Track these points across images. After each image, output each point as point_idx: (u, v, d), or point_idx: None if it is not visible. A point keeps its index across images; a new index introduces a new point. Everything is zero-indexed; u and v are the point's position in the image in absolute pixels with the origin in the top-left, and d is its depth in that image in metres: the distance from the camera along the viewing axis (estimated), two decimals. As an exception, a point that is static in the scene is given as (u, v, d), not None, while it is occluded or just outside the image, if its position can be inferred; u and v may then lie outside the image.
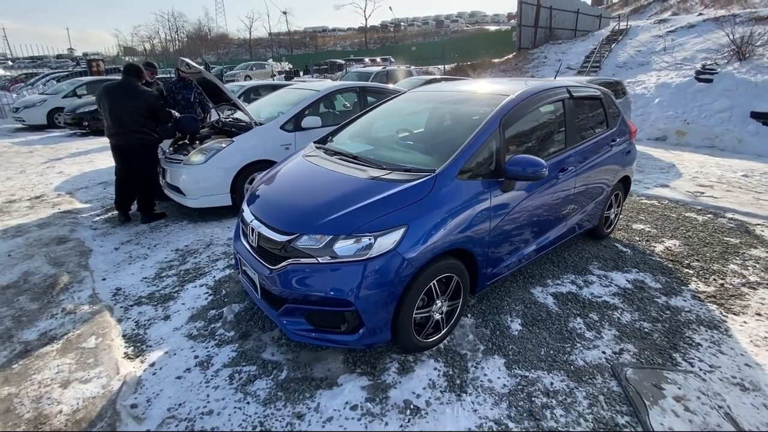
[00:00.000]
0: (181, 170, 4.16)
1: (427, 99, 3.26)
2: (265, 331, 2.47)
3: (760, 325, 2.54)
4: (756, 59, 10.26)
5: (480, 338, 2.40)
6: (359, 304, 1.88)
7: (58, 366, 2.14)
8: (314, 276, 1.95)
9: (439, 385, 2.03)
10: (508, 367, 2.17)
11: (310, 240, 1.99)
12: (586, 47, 15.58)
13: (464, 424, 1.81)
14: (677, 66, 11.97)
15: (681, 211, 4.69)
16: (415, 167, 2.26)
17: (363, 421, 1.83)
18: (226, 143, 4.18)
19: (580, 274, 3.19)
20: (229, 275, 3.14)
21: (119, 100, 3.83)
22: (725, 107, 9.00)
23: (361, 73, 13.19)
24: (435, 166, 2.22)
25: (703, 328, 2.52)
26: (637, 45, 14.22)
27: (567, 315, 2.64)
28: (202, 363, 2.21)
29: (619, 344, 2.36)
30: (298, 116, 4.54)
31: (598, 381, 2.07)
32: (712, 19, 13.26)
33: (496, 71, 16.42)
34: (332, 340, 2.03)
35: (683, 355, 2.27)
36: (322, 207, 2.08)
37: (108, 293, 2.90)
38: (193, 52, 40.85)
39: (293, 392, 1.99)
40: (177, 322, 2.57)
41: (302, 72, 23.93)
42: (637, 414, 1.85)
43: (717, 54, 11.53)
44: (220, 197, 4.22)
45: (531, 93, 2.69)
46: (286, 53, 41.33)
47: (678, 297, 2.87)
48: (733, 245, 3.72)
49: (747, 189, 5.54)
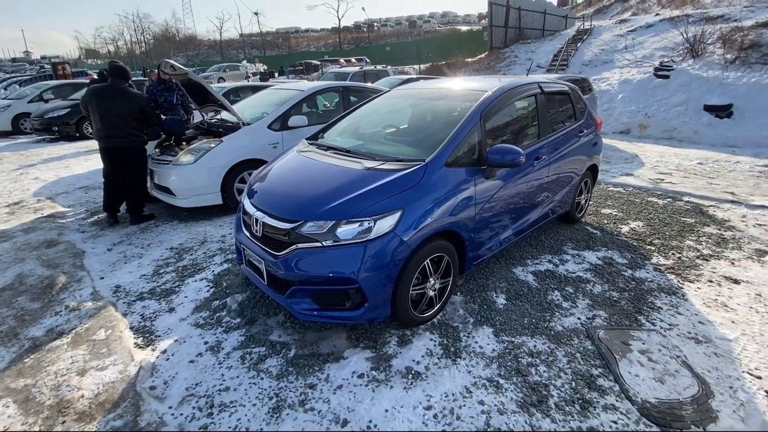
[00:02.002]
0: (170, 171, 4.21)
1: (411, 96, 3.48)
2: (270, 316, 2.62)
3: (712, 290, 2.88)
4: (707, 56, 11.06)
5: (469, 312, 2.63)
6: (363, 281, 2.07)
7: (71, 357, 2.22)
8: (319, 258, 2.12)
9: (435, 353, 2.24)
10: (495, 335, 2.40)
11: (313, 226, 2.16)
12: (554, 46, 16.26)
13: (460, 383, 2.03)
14: (638, 63, 12.72)
15: (644, 196, 5.10)
16: (406, 158, 2.47)
17: (370, 386, 2.02)
18: (215, 143, 4.26)
19: (556, 254, 3.48)
20: (228, 269, 3.25)
21: (110, 102, 3.85)
22: (681, 101, 9.68)
23: (338, 73, 13.32)
24: (424, 156, 2.43)
25: (664, 294, 2.84)
26: (600, 44, 14.97)
27: (546, 289, 2.91)
28: (213, 348, 2.34)
29: (592, 311, 2.64)
30: (284, 116, 4.66)
31: (575, 342, 2.34)
32: (668, 19, 14.13)
33: (470, 70, 16.89)
34: (337, 317, 2.21)
35: (647, 317, 2.57)
36: (323, 195, 2.26)
37: (108, 291, 2.97)
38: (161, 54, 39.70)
39: (303, 367, 2.16)
40: (182, 314, 2.67)
41: (277, 73, 23.77)
42: (609, 366, 2.12)
43: (673, 52, 12.32)
44: (210, 196, 4.30)
45: (507, 89, 2.94)
46: (258, 54, 40.81)
47: (642, 270, 3.20)
48: (689, 224, 4.11)
49: (701, 175, 6.06)
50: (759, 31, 10.61)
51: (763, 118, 8.43)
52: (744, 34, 10.54)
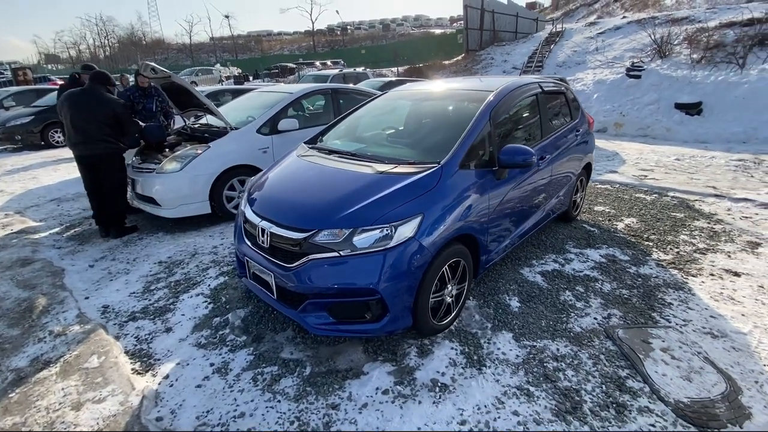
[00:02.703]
0: (154, 180, 3.97)
1: (411, 98, 3.40)
2: (278, 332, 2.47)
3: (715, 283, 2.93)
4: (674, 56, 11.56)
5: (485, 317, 2.56)
6: (384, 291, 1.96)
7: (63, 389, 2.00)
8: (337, 269, 2.00)
9: (459, 363, 2.16)
10: (516, 339, 2.34)
11: (328, 235, 2.03)
12: (528, 48, 16.64)
13: (490, 393, 1.95)
14: (609, 64, 13.16)
15: (631, 192, 5.21)
16: (419, 160, 2.38)
17: (397, 402, 1.91)
18: (202, 149, 4.05)
19: (559, 253, 3.47)
20: (225, 282, 3.07)
21: (82, 107, 3.59)
22: (653, 100, 10.05)
23: (317, 76, 13.13)
24: (436, 158, 2.35)
25: (671, 290, 2.87)
26: (572, 46, 15.42)
27: (556, 289, 2.88)
28: (220, 369, 2.17)
29: (606, 310, 2.63)
30: (274, 119, 4.49)
31: (596, 343, 2.31)
32: (635, 21, 14.72)
33: (448, 72, 17.05)
34: (356, 330, 2.09)
35: (660, 313, 2.58)
36: (337, 202, 2.14)
37: (96, 312, 2.73)
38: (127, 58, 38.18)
39: (322, 386, 2.03)
40: (181, 333, 2.48)
41: (252, 77, 23.26)
42: (635, 366, 2.10)
43: (642, 53, 12.82)
44: (198, 205, 4.08)
45: (512, 88, 2.91)
46: (230, 58, 39.83)
47: (645, 266, 3.23)
48: (680, 219, 4.22)
49: (681, 171, 6.27)
50: (722, 31, 11.17)
51: (731, 115, 8.85)
52: (709, 34, 11.08)
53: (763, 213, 4.32)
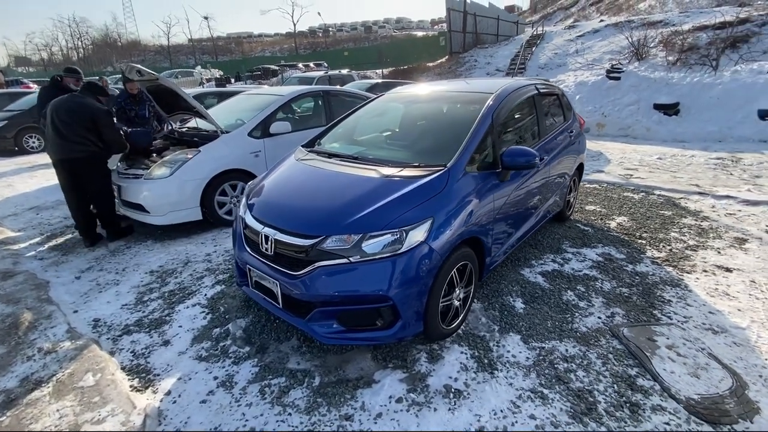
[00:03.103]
0: (142, 186, 3.82)
1: (409, 100, 3.37)
2: (281, 341, 2.39)
3: (709, 280, 3.01)
4: (651, 59, 11.93)
5: (492, 320, 2.55)
6: (396, 297, 1.92)
7: (58, 411, 1.89)
8: (347, 276, 1.95)
9: (470, 367, 2.14)
10: (525, 341, 2.34)
11: (337, 241, 1.98)
12: (511, 51, 16.91)
13: (505, 397, 1.93)
14: (589, 66, 13.49)
15: (619, 191, 5.33)
16: (424, 163, 2.35)
17: (412, 410, 1.87)
18: (192, 154, 3.92)
19: (557, 253, 3.50)
20: (222, 291, 2.97)
21: (61, 111, 3.45)
22: (633, 101, 10.34)
23: (302, 78, 13.01)
24: (440, 161, 2.33)
25: (668, 287, 2.92)
26: (553, 48, 15.75)
27: (558, 289, 2.90)
28: (225, 383, 2.09)
29: (609, 309, 2.66)
30: (265, 122, 4.40)
31: (603, 342, 2.32)
32: (613, 25, 15.15)
33: (432, 74, 17.17)
34: (367, 338, 2.04)
35: (661, 310, 2.63)
36: (344, 207, 2.09)
37: (86, 326, 2.60)
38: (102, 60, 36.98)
39: (333, 396, 1.97)
40: (180, 346, 2.38)
41: (233, 79, 22.87)
42: (644, 365, 2.12)
43: (620, 55, 13.18)
44: (189, 212, 3.95)
45: (511, 90, 2.92)
46: (210, 60, 39.10)
47: (641, 264, 3.29)
48: (668, 217, 4.32)
49: (664, 169, 6.45)
50: (696, 34, 11.60)
51: (707, 115, 9.18)
52: (683, 37, 11.48)
53: (746, 209, 4.48)
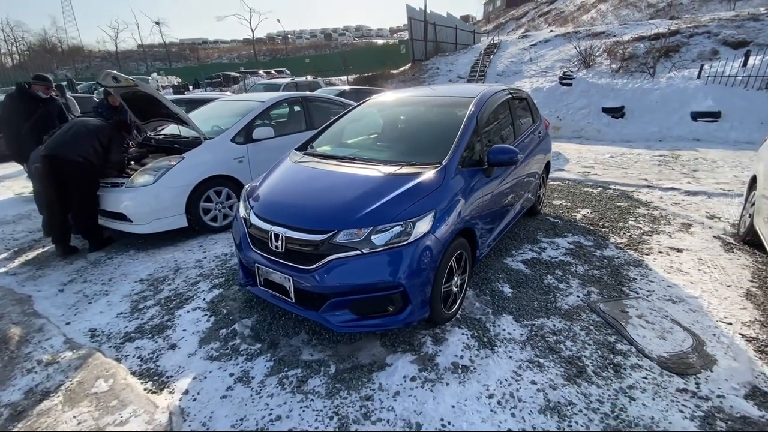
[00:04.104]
0: (123, 194, 3.73)
1: (396, 104, 3.56)
2: (291, 336, 2.48)
3: (665, 259, 3.42)
4: (597, 66, 12.96)
5: (485, 304, 2.77)
6: (407, 284, 2.08)
7: (75, 417, 1.87)
8: (360, 266, 2.08)
9: (472, 346, 2.33)
10: (517, 320, 2.58)
11: (348, 234, 2.12)
12: (470, 59, 17.68)
13: (507, 368, 2.14)
14: (543, 73, 14.41)
15: (580, 187, 5.81)
16: (420, 162, 2.54)
17: (426, 387, 2.03)
18: (176, 160, 3.89)
19: (533, 243, 3.82)
20: (221, 294, 2.99)
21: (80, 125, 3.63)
22: (584, 105, 11.20)
23: (268, 85, 12.90)
24: (436, 159, 2.53)
25: (632, 267, 3.29)
26: (509, 56, 16.65)
27: (539, 274, 3.18)
28: (242, 379, 2.14)
29: (585, 288, 2.96)
30: (248, 128, 4.43)
31: (584, 316, 2.61)
32: (562, 35, 16.28)
33: (396, 81, 17.57)
34: (380, 324, 2.18)
35: (628, 287, 2.97)
36: (353, 203, 2.23)
37: (83, 336, 2.54)
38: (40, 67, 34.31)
39: (350, 381, 2.09)
40: (188, 349, 2.40)
41: (192, 86, 22.15)
42: (620, 332, 2.41)
43: (569, 63, 14.20)
44: (174, 219, 3.90)
45: (490, 94, 3.19)
46: (164, 66, 37.47)
47: (607, 249, 3.66)
48: (625, 208, 4.80)
49: (616, 166, 7.08)
50: (634, 44, 12.76)
51: (648, 117, 10.14)
52: (624, 47, 12.60)
53: (688, 199, 5.06)
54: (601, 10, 25.85)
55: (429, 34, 19.27)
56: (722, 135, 8.95)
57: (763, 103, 9.07)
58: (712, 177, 6.01)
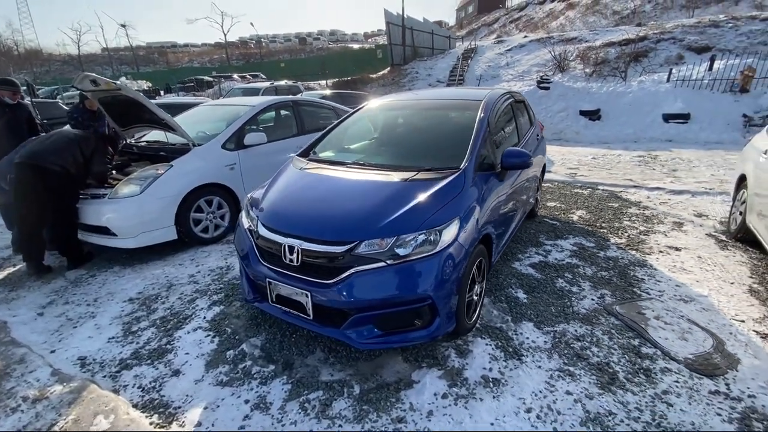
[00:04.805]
0: (106, 207, 3.46)
1: (399, 108, 3.46)
2: (306, 355, 2.32)
3: (667, 258, 3.47)
4: (571, 71, 13.37)
5: (502, 311, 2.71)
6: (436, 296, 1.98)
7: (75, 462, 1.65)
8: (385, 278, 1.97)
9: (499, 357, 2.25)
10: (538, 327, 2.52)
11: (371, 245, 2.00)
12: (448, 63, 17.89)
13: (539, 379, 2.08)
14: (520, 77, 14.74)
15: (570, 188, 5.90)
16: (436, 166, 2.45)
17: (460, 404, 1.93)
18: (164, 168, 3.64)
19: (537, 246, 3.80)
20: (223, 312, 2.79)
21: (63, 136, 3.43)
22: (562, 108, 11.50)
23: (247, 89, 12.56)
24: (453, 164, 2.45)
25: (637, 267, 3.32)
26: (486, 61, 16.96)
27: (550, 278, 3.15)
28: (259, 405, 1.98)
29: (598, 291, 2.95)
30: (239, 134, 4.23)
31: (603, 320, 2.58)
32: (536, 40, 16.73)
33: (376, 86, 17.54)
34: (405, 340, 2.07)
35: (639, 288, 2.98)
36: (373, 211, 2.11)
37: (72, 366, 2.29)
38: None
39: (378, 401, 1.97)
40: (194, 374, 2.20)
41: (163, 91, 21.34)
42: (642, 335, 2.40)
43: (545, 67, 14.59)
44: (163, 231, 3.65)
45: (496, 96, 3.16)
46: (131, 70, 35.96)
47: (609, 250, 3.69)
48: (617, 208, 4.89)
49: (600, 167, 7.26)
50: (606, 49, 13.25)
51: (623, 119, 10.51)
52: (596, 52, 13.06)
53: (674, 198, 5.22)
54: (570, 17, 26.83)
55: (407, 39, 19.38)
56: (692, 136, 9.37)
57: (729, 104, 9.57)
58: (692, 176, 6.25)
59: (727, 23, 12.41)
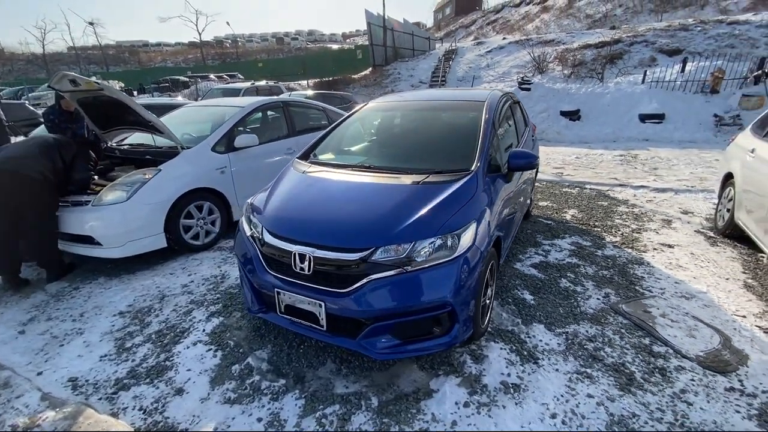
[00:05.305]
0: (89, 214, 3.25)
1: (401, 109, 3.37)
2: (317, 367, 2.23)
3: (662, 256, 3.55)
4: (550, 72, 13.66)
5: (512, 314, 2.69)
6: (455, 302, 1.92)
7: (77, 498, 1.50)
8: (404, 285, 1.90)
9: (515, 361, 2.22)
10: (549, 329, 2.51)
11: (387, 251, 1.93)
12: (430, 64, 17.98)
13: (559, 383, 2.05)
14: (501, 78, 14.95)
15: (558, 188, 5.99)
16: (446, 169, 2.41)
17: (483, 412, 1.89)
18: (151, 173, 3.45)
19: (535, 246, 3.82)
20: (223, 323, 2.65)
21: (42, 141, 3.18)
22: (544, 109, 11.73)
23: (227, 89, 12.23)
24: (462, 166, 2.41)
25: (636, 265, 3.38)
26: (467, 62, 17.13)
27: (554, 278, 3.16)
28: (272, 422, 1.88)
29: (602, 290, 2.98)
30: (229, 136, 4.06)
31: (611, 320, 2.60)
32: (515, 42, 17.02)
33: (359, 86, 17.43)
34: (423, 348, 2.00)
35: (640, 286, 3.02)
36: (388, 216, 2.04)
37: (63, 388, 2.11)
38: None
39: (398, 414, 1.90)
40: (199, 392, 2.07)
41: (136, 91, 20.55)
42: (652, 334, 2.42)
43: (524, 69, 14.85)
44: (152, 240, 3.46)
45: (497, 97, 3.14)
46: (100, 70, 34.45)
47: (606, 249, 3.74)
48: (607, 206, 4.99)
49: (585, 167, 7.42)
50: (582, 51, 13.60)
51: (602, 119, 10.81)
52: (574, 54, 13.38)
53: (659, 196, 5.38)
54: (545, 20, 27.47)
55: (387, 40, 19.37)
56: (667, 135, 9.72)
57: (700, 105, 9.99)
58: (672, 174, 6.46)
59: (695, 27, 12.97)
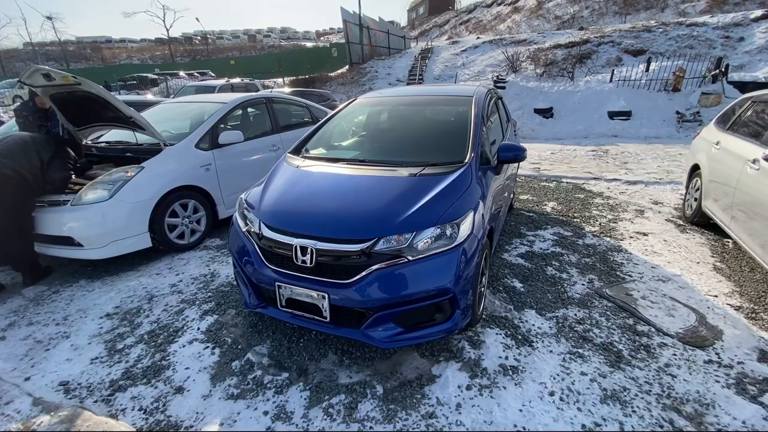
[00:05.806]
0: (69, 214, 3.12)
1: (390, 104, 3.42)
2: (319, 360, 2.24)
3: (638, 243, 3.75)
4: (524, 71, 14.05)
5: (504, 301, 2.78)
6: (456, 289, 1.98)
7: (85, 499, 1.46)
8: (407, 274, 1.94)
9: (511, 345, 2.31)
10: (540, 314, 2.62)
11: (389, 241, 1.97)
12: (406, 63, 18.10)
13: (554, 363, 2.15)
14: (476, 77, 15.24)
15: (537, 182, 6.20)
16: (441, 161, 2.47)
17: (485, 394, 1.96)
18: (134, 170, 3.34)
19: (520, 237, 3.95)
20: (218, 321, 2.61)
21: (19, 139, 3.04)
22: (519, 106, 12.05)
23: (200, 87, 11.87)
24: (455, 158, 2.48)
25: (615, 252, 3.56)
26: (443, 61, 17.36)
27: (540, 267, 3.29)
28: (279, 415, 1.88)
29: (585, 276, 3.12)
30: (212, 132, 3.98)
31: (596, 303, 2.74)
32: (489, 42, 17.39)
33: (336, 84, 17.34)
34: (426, 335, 2.05)
35: (621, 271, 3.19)
36: (388, 207, 2.07)
37: (55, 392, 2.03)
38: None
39: (404, 399, 1.94)
40: (200, 390, 2.05)
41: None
42: (635, 314, 2.57)
43: (498, 68, 15.20)
44: (135, 239, 3.35)
45: (484, 92, 3.24)
46: (59, 67, 32.58)
47: (586, 238, 3.92)
48: (583, 199, 5.21)
49: (560, 162, 7.70)
50: (553, 51, 14.06)
51: (573, 117, 11.23)
52: (545, 54, 13.82)
53: (631, 188, 5.66)
54: (516, 20, 28.18)
55: (364, 38, 19.35)
56: (634, 131, 10.21)
57: (664, 102, 10.55)
58: (641, 168, 6.81)
59: (658, 29, 13.66)
